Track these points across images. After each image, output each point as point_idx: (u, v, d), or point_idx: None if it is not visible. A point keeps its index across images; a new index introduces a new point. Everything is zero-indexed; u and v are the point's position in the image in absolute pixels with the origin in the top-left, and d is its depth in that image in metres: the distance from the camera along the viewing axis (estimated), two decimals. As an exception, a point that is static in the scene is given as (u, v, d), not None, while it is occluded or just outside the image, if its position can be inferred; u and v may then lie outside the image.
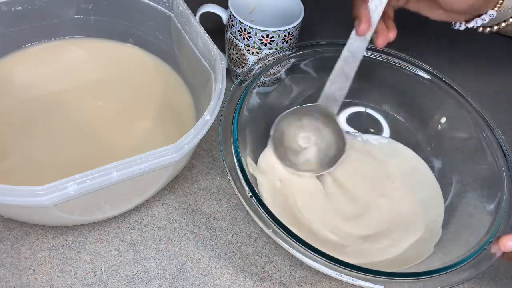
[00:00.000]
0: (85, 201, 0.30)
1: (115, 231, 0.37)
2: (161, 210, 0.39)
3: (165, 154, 0.29)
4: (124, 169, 0.28)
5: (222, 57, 0.36)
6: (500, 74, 0.59)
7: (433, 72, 0.44)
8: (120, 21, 0.44)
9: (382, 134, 0.46)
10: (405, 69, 0.44)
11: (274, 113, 0.43)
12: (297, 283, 0.36)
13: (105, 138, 0.39)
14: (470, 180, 0.40)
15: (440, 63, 0.57)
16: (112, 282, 0.34)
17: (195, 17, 0.38)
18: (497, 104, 0.54)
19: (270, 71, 0.41)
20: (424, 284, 0.31)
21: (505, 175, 0.38)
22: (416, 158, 0.44)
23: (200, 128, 0.31)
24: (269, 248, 0.38)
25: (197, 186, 0.41)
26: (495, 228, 0.34)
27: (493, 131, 0.40)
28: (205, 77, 0.38)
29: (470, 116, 0.42)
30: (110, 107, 0.41)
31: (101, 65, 0.44)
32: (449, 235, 0.37)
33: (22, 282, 0.34)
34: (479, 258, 0.33)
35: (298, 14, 0.44)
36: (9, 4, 0.39)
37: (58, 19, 0.42)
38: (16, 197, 0.26)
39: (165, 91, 0.43)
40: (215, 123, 0.34)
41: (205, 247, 0.37)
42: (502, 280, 0.39)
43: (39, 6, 0.41)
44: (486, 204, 0.37)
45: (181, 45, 0.41)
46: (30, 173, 0.36)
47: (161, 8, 0.41)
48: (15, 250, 0.35)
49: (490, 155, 0.39)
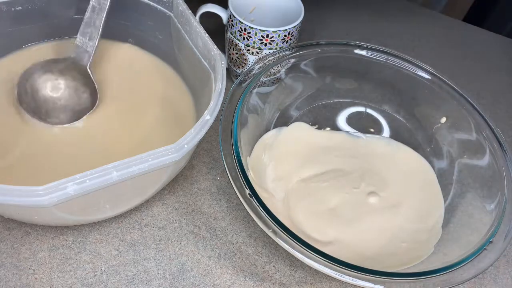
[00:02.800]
0: (85, 201, 0.30)
1: (115, 231, 0.37)
2: (161, 210, 0.39)
3: (165, 154, 0.29)
4: (124, 169, 0.28)
5: (222, 57, 0.36)
6: (500, 74, 0.59)
7: (433, 72, 0.44)
8: (120, 21, 0.44)
9: (382, 134, 0.46)
10: (405, 69, 0.44)
11: (274, 113, 0.43)
12: (297, 283, 0.36)
13: (105, 138, 0.39)
14: (470, 180, 0.40)
15: (440, 63, 0.57)
16: (112, 282, 0.34)
17: (195, 17, 0.38)
18: (497, 104, 0.55)
19: (270, 71, 0.41)
20: (424, 284, 0.31)
21: (505, 175, 0.37)
22: (417, 158, 0.44)
23: (200, 128, 0.31)
24: (269, 248, 0.38)
25: (197, 186, 0.41)
26: (495, 228, 0.34)
27: (493, 131, 0.40)
28: (205, 77, 0.38)
29: (470, 116, 0.42)
30: (109, 107, 0.41)
31: (101, 65, 0.44)
32: (449, 235, 0.37)
33: (22, 282, 0.34)
34: (479, 258, 0.33)
35: (298, 14, 0.44)
36: (9, 4, 0.39)
37: (58, 19, 0.42)
38: (16, 197, 0.26)
39: (165, 91, 0.43)
40: (215, 123, 0.34)
41: (205, 247, 0.37)
42: (502, 280, 0.39)
43: (39, 6, 0.41)
44: (486, 204, 0.37)
45: (181, 45, 0.41)
46: (30, 173, 0.36)
47: (161, 8, 0.41)
48: (15, 250, 0.35)
49: (490, 155, 0.39)
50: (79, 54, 0.39)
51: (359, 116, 0.47)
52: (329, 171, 0.42)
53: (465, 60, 0.59)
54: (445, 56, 0.59)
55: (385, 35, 0.60)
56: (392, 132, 0.46)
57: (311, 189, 0.40)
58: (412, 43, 0.60)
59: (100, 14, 0.39)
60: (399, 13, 0.66)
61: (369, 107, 0.47)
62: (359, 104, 0.47)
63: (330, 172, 0.42)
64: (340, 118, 0.46)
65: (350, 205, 0.40)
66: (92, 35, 0.39)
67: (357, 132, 0.46)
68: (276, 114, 0.44)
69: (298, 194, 0.40)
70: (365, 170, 0.42)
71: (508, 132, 0.51)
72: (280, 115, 0.44)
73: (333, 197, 0.40)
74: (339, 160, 0.43)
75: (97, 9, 0.39)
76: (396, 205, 0.40)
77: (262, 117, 0.43)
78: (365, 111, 0.47)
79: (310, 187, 0.40)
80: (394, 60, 0.44)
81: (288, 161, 0.42)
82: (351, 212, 0.39)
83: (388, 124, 0.46)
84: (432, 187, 0.42)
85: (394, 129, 0.46)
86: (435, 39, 0.62)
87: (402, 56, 0.45)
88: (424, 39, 0.61)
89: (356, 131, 0.46)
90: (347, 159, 0.43)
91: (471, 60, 0.60)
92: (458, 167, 0.41)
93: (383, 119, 0.46)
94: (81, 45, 0.39)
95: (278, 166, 0.41)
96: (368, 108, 0.47)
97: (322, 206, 0.39)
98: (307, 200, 0.39)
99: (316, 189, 0.40)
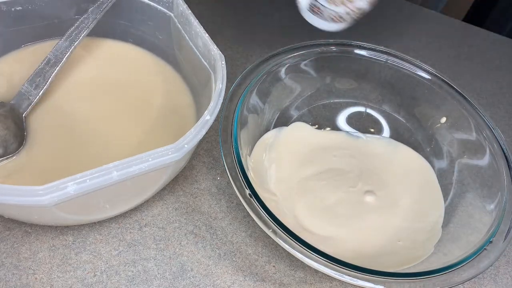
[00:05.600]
0: (85, 200, 0.30)
1: (115, 231, 0.37)
2: (161, 210, 0.39)
3: (165, 154, 0.29)
4: (124, 169, 0.28)
5: (222, 57, 0.36)
6: (500, 74, 0.59)
7: (433, 72, 0.44)
8: (120, 21, 0.44)
9: (382, 134, 0.46)
10: (405, 69, 0.44)
11: (274, 113, 0.43)
12: (297, 283, 0.36)
13: (105, 138, 0.39)
14: (470, 180, 0.40)
15: (440, 63, 0.57)
16: (112, 282, 0.34)
17: (195, 17, 0.38)
18: (497, 104, 0.55)
19: (271, 70, 0.41)
20: (424, 284, 0.31)
21: (505, 175, 0.38)
22: (417, 157, 0.44)
23: (200, 128, 0.31)
24: (269, 248, 0.38)
25: (197, 186, 0.41)
26: (495, 228, 0.34)
27: (493, 131, 0.40)
28: (205, 77, 0.38)
29: (470, 116, 0.42)
30: (109, 107, 0.41)
31: (101, 65, 0.44)
32: (449, 235, 0.37)
33: (22, 282, 0.34)
34: (479, 258, 0.33)
35: None
36: (9, 4, 0.39)
37: (58, 19, 0.42)
38: (16, 197, 0.26)
39: (165, 91, 0.43)
40: (215, 123, 0.34)
41: (205, 247, 0.37)
42: (502, 280, 0.39)
43: (39, 6, 0.41)
44: (486, 204, 0.37)
45: (181, 45, 0.41)
46: (30, 173, 0.36)
47: (161, 8, 0.41)
48: (15, 250, 0.35)
49: (490, 155, 0.39)
50: (18, 101, 0.38)
51: (359, 116, 0.47)
52: (327, 171, 0.42)
53: (465, 60, 0.59)
54: (445, 56, 0.59)
55: (385, 35, 0.60)
56: (392, 132, 0.46)
57: (309, 187, 0.40)
58: (412, 43, 0.60)
59: (53, 67, 0.39)
60: (399, 13, 0.66)
61: (369, 107, 0.47)
62: (359, 104, 0.47)
63: (328, 171, 0.42)
64: (340, 118, 0.46)
65: (347, 204, 0.40)
66: (39, 85, 0.38)
67: (357, 132, 0.46)
68: (276, 114, 0.44)
69: (298, 192, 0.40)
70: (363, 169, 0.42)
71: (508, 132, 0.51)
72: (280, 115, 0.44)
73: (331, 195, 0.40)
74: (337, 160, 0.43)
75: (52, 62, 0.39)
76: (394, 204, 0.40)
77: (262, 117, 0.43)
78: (365, 111, 0.47)
79: (309, 185, 0.40)
80: (394, 60, 0.44)
81: (289, 161, 0.42)
82: (348, 210, 0.39)
83: (388, 124, 0.46)
84: (432, 187, 0.42)
85: (394, 129, 0.46)
86: (435, 39, 0.62)
87: (402, 56, 0.45)
88: (424, 39, 0.61)
89: (356, 131, 0.46)
90: (345, 159, 0.43)
91: (471, 60, 0.60)
92: (458, 167, 0.41)
93: (383, 119, 0.46)
94: (25, 92, 0.38)
95: (279, 167, 0.41)
96: (368, 108, 0.47)
97: (320, 203, 0.39)
98: (306, 197, 0.39)
99: (314, 187, 0.40)
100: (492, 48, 0.62)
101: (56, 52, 0.39)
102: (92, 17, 0.40)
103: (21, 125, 0.38)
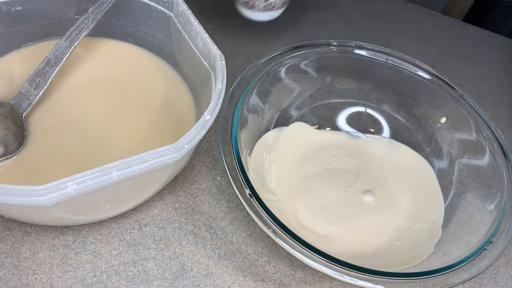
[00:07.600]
0: (85, 200, 0.30)
1: (115, 231, 0.37)
2: (161, 210, 0.39)
3: (165, 154, 0.29)
4: (124, 168, 0.28)
5: (222, 57, 0.36)
6: (500, 74, 0.59)
7: (433, 72, 0.44)
8: (120, 21, 0.44)
9: (382, 134, 0.46)
10: (405, 69, 0.44)
11: (274, 113, 0.43)
12: (297, 283, 0.36)
13: (105, 138, 0.39)
14: (470, 180, 0.40)
15: (440, 63, 0.57)
16: (112, 282, 0.34)
17: (195, 17, 0.38)
18: (497, 104, 0.55)
19: (271, 70, 0.41)
20: (424, 284, 0.31)
21: (505, 175, 0.37)
22: (417, 157, 0.44)
23: (200, 128, 0.31)
24: (269, 248, 0.38)
25: (197, 186, 0.41)
26: (495, 228, 0.34)
27: (493, 131, 0.40)
28: (205, 77, 0.38)
29: (470, 116, 0.42)
30: (110, 107, 0.41)
31: (101, 65, 0.44)
32: (449, 235, 0.37)
33: (22, 282, 0.34)
34: (479, 258, 0.33)
35: None
36: (9, 4, 0.39)
37: (58, 19, 0.42)
38: (16, 197, 0.26)
39: (165, 91, 0.43)
40: (215, 123, 0.34)
41: (205, 247, 0.37)
42: (502, 280, 0.39)
43: (39, 6, 0.41)
44: (486, 204, 0.37)
45: (181, 45, 0.41)
46: (30, 173, 0.36)
47: (161, 8, 0.41)
48: (15, 250, 0.35)
49: (490, 155, 0.39)
50: (18, 101, 0.38)
51: (359, 116, 0.47)
52: (326, 170, 0.42)
53: (465, 60, 0.59)
54: (445, 56, 0.59)
55: (385, 35, 0.60)
56: (392, 132, 0.46)
57: (309, 187, 0.40)
58: (412, 43, 0.60)
59: (53, 67, 0.39)
60: (399, 13, 0.66)
61: (369, 107, 0.47)
62: (359, 104, 0.47)
63: (327, 171, 0.42)
64: (340, 118, 0.46)
65: (346, 203, 0.40)
66: (39, 85, 0.38)
67: (357, 132, 0.46)
68: (276, 114, 0.44)
69: (298, 192, 0.40)
70: (362, 169, 0.42)
71: (508, 132, 0.51)
72: (280, 115, 0.44)
73: (329, 194, 0.40)
74: (337, 160, 0.43)
75: (52, 62, 0.39)
76: (394, 204, 0.40)
77: (262, 117, 0.43)
78: (365, 111, 0.47)
79: (308, 184, 0.40)
80: (394, 60, 0.44)
81: (289, 161, 0.42)
82: (346, 210, 0.39)
83: (388, 124, 0.46)
84: (432, 187, 0.42)
85: (394, 129, 0.46)
86: (435, 39, 0.62)
87: (402, 56, 0.45)
88: (424, 39, 0.61)
89: (356, 131, 0.46)
90: (345, 158, 0.43)
91: (471, 60, 0.60)
92: (458, 167, 0.41)
93: (383, 119, 0.46)
94: (25, 92, 0.38)
95: (279, 167, 0.41)
96: (368, 108, 0.47)
97: (320, 202, 0.39)
98: (306, 196, 0.40)
99: (313, 187, 0.40)
100: (492, 48, 0.62)
101: (56, 52, 0.39)
102: (92, 17, 0.40)
103: (21, 125, 0.38)
